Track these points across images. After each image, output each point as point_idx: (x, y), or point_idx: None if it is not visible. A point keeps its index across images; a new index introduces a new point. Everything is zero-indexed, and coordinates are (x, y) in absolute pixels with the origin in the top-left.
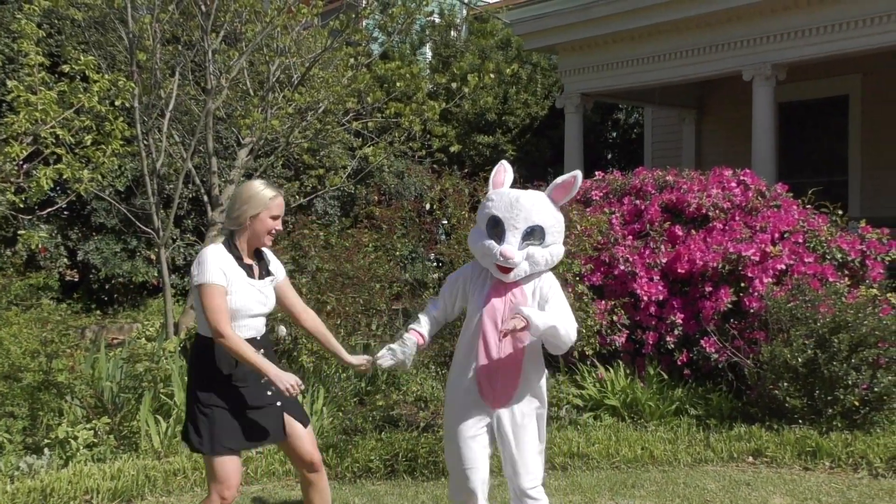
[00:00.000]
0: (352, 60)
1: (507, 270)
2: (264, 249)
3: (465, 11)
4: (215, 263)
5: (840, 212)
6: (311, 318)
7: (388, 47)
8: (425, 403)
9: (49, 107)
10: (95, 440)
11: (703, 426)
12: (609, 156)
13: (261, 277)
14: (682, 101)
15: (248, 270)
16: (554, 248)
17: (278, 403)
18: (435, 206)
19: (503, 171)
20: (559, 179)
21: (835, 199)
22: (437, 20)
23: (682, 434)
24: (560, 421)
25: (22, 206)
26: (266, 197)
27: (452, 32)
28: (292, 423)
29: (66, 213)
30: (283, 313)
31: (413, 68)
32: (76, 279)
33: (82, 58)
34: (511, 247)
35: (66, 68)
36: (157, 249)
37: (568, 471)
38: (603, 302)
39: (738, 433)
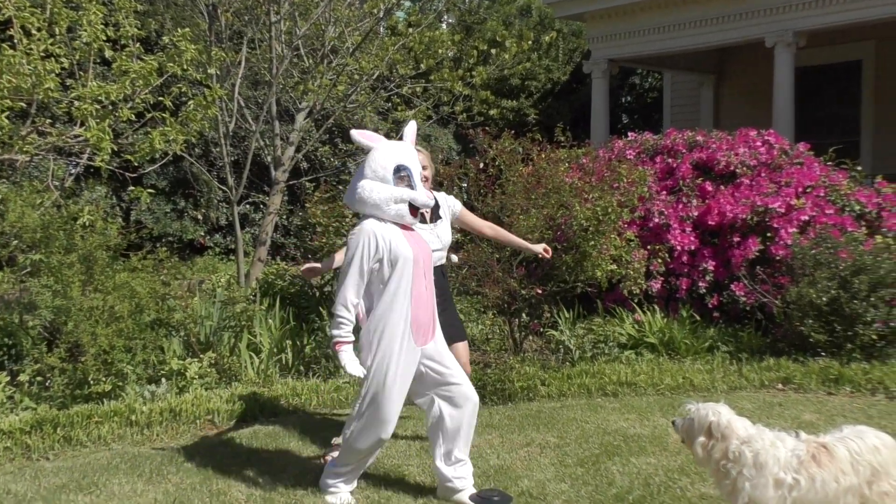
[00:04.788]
0: (410, 29)
1: (418, 212)
2: (437, 197)
3: None
4: None
5: (859, 167)
6: (490, 228)
7: (414, 17)
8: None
9: (151, 75)
10: (202, 372)
11: (735, 360)
12: (626, 119)
13: (432, 221)
14: (701, 66)
15: (422, 218)
16: None
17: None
18: (489, 164)
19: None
20: (408, 130)
21: (847, 158)
22: None
23: (717, 366)
24: (607, 356)
25: (136, 164)
26: None
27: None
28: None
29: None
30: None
31: (456, 36)
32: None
33: (179, 30)
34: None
35: (165, 40)
36: (203, 210)
37: (619, 396)
38: (642, 251)
39: (767, 365)
